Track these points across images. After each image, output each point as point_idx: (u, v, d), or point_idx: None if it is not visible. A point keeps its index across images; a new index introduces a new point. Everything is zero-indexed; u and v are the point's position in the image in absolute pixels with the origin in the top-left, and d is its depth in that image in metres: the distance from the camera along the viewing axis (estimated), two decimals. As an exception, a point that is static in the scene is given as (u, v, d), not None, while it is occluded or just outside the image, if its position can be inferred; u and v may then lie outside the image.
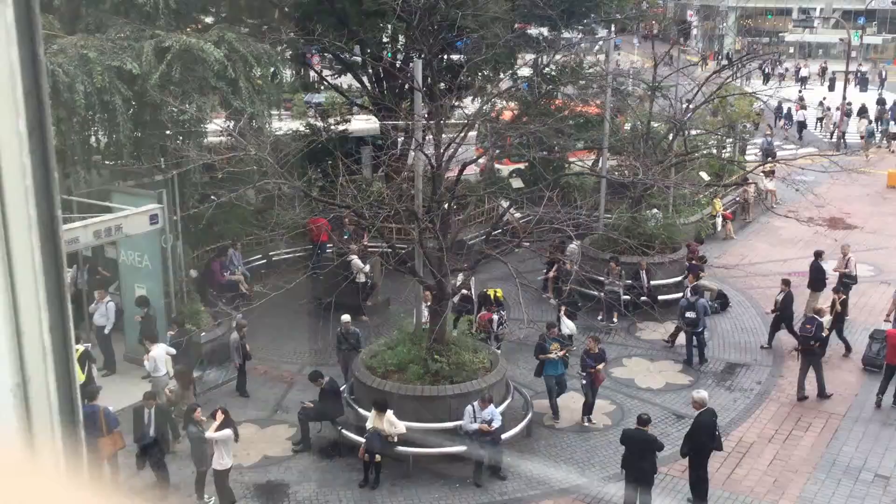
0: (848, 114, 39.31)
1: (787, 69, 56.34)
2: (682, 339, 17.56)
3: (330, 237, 19.78)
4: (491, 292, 17.40)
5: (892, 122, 40.24)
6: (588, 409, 14.86)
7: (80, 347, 14.01)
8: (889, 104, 42.72)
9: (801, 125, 39.80)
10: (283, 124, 24.59)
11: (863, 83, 51.22)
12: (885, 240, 24.84)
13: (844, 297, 17.65)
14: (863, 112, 39.20)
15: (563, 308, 17.15)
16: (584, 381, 14.74)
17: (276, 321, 17.56)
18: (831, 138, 38.22)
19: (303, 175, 15.55)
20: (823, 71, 52.78)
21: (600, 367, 14.70)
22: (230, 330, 16.04)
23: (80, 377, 13.72)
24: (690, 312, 16.97)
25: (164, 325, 15.83)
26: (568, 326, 16.68)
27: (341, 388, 14.33)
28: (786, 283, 17.82)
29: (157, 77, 15.01)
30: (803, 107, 39.78)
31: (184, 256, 17.01)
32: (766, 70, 53.23)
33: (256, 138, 13.51)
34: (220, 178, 15.54)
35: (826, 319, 16.43)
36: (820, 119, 41.69)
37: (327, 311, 15.08)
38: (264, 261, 21.08)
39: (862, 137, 36.95)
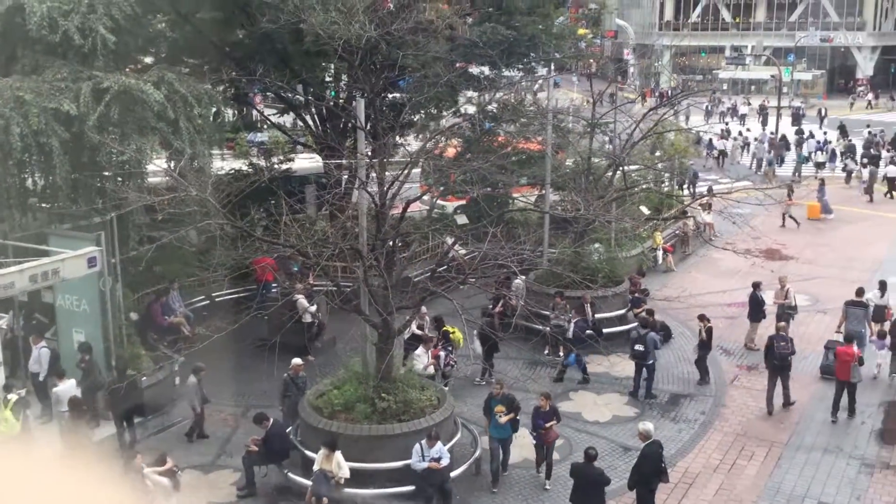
0: (785, 146, 41.20)
1: (728, 106, 58.18)
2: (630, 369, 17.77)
3: (274, 277, 19.62)
4: (451, 331, 17.30)
5: (818, 153, 41.98)
6: (546, 471, 14.00)
7: (14, 396, 13.60)
8: (818, 136, 44.76)
9: (722, 153, 42.47)
10: (226, 164, 24.43)
11: (796, 118, 53.02)
12: (820, 270, 25.52)
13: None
14: (798, 143, 41.28)
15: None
16: (535, 442, 14.04)
17: (220, 363, 17.26)
18: (758, 170, 39.47)
19: (245, 215, 15.44)
20: (763, 108, 54.72)
21: (551, 425, 13.87)
22: (186, 375, 15.72)
23: (15, 425, 13.30)
24: (639, 345, 17.20)
25: (105, 369, 15.47)
26: (476, 349, 16.83)
27: (287, 430, 14.12)
28: (702, 318, 18.18)
29: (96, 118, 14.82)
30: (724, 137, 43.46)
31: (123, 299, 16.68)
32: (709, 107, 55.31)
33: (197, 178, 13.40)
34: (161, 219, 15.32)
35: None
36: (743, 147, 44.29)
37: (272, 352, 14.89)
38: (207, 302, 20.77)
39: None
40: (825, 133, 47.90)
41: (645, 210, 26.39)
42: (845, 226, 31.17)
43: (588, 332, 18.30)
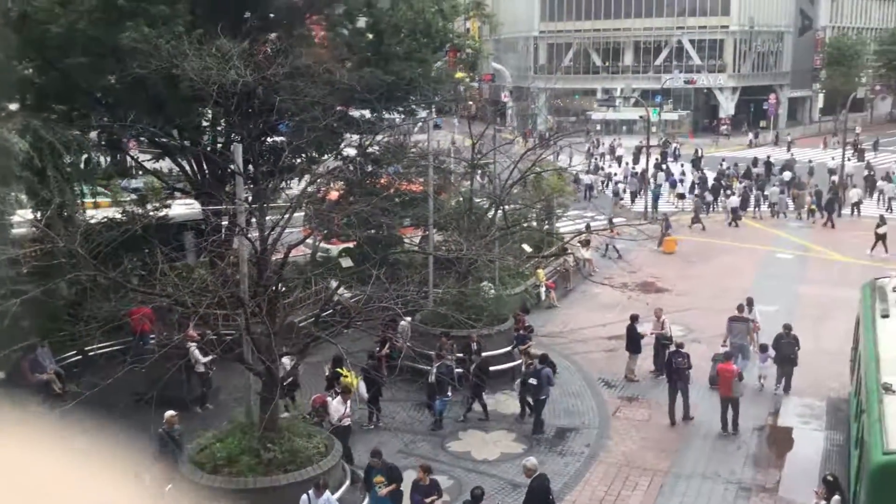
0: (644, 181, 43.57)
1: (609, 146, 60.45)
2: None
3: (152, 328, 18.94)
4: (345, 375, 17.04)
5: (678, 185, 44.97)
6: None
7: None
8: (678, 172, 47.93)
9: (589, 188, 44.63)
10: (98, 212, 23.53)
11: (664, 156, 55.66)
12: (693, 301, 26.58)
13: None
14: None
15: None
16: None
17: (94, 421, 16.42)
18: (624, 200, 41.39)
19: (119, 264, 14.87)
20: (639, 149, 57.30)
21: (432, 500, 13.26)
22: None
23: None
24: (533, 380, 17.48)
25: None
26: (362, 393, 16.74)
27: (167, 488, 13.56)
28: (526, 353, 18.87)
29: (-47, 168, 14.07)
30: (590, 172, 46.67)
31: (-12, 357, 15.72)
32: (590, 149, 57.66)
33: (66, 228, 12.85)
34: (27, 272, 14.59)
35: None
36: (604, 182, 47.36)
37: (149, 406, 14.30)
38: (80, 357, 19.83)
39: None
40: (682, 166, 50.94)
41: (527, 248, 26.95)
42: (715, 257, 32.69)
43: (458, 370, 18.43)
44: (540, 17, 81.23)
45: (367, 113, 24.74)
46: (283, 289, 16.64)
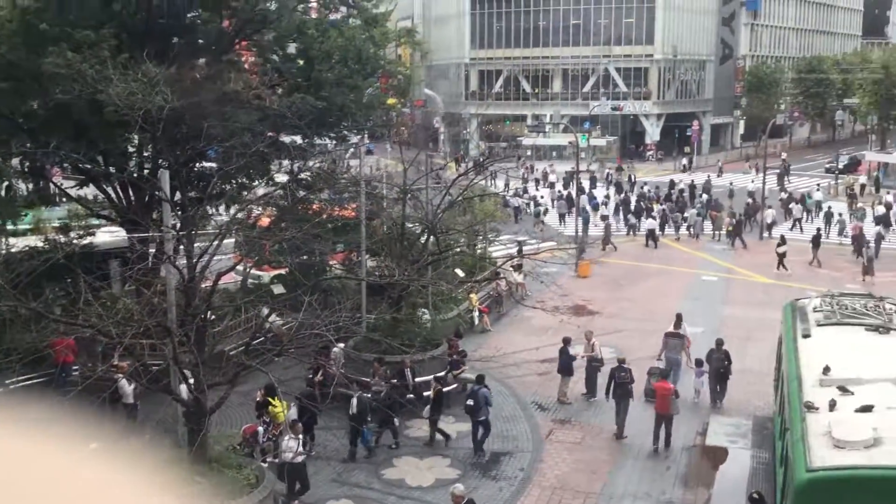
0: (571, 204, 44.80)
1: (542, 172, 61.27)
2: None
3: (75, 359, 18.39)
4: (275, 404, 16.74)
5: (602, 207, 46.77)
6: None
7: None
8: (601, 195, 49.85)
9: (517, 210, 45.81)
10: (20, 241, 22.82)
11: (593, 181, 56.75)
12: (623, 323, 27.00)
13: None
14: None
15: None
16: None
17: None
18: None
19: (40, 294, 14.44)
20: (571, 174, 58.45)
21: None
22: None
23: None
24: (470, 401, 17.50)
25: None
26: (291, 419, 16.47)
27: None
28: (438, 380, 18.89)
29: None
30: (518, 195, 47.96)
31: None
32: (525, 175, 58.58)
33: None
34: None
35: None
36: (528, 204, 48.28)
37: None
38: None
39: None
40: (606, 189, 52.66)
41: (460, 272, 27.07)
42: (644, 280, 33.32)
43: (409, 396, 18.40)
44: (470, 44, 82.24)
45: (298, 139, 24.64)
46: (213, 317, 16.37)
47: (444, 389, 19.62)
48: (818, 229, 38.57)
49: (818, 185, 55.63)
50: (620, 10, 76.33)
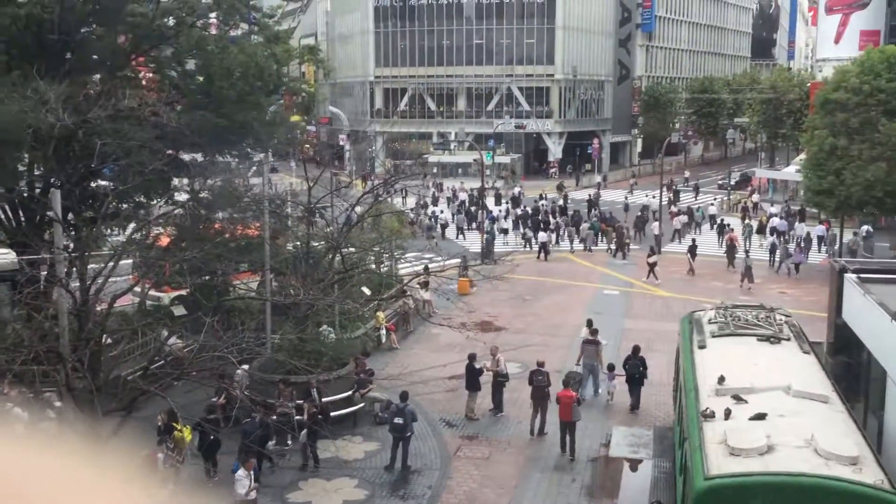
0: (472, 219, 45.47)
1: (452, 190, 61.62)
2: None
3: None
4: (178, 428, 16.19)
5: (502, 221, 48.76)
6: None
7: None
8: (498, 209, 51.90)
9: (430, 228, 46.57)
10: None
11: (498, 198, 57.60)
12: (528, 338, 27.35)
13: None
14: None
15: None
16: None
17: None
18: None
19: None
20: (480, 191, 59.37)
21: None
22: None
23: None
24: (399, 418, 17.39)
25: None
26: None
27: None
28: (309, 400, 18.83)
29: None
30: (420, 212, 49.07)
31: None
32: (435, 193, 59.04)
33: None
34: None
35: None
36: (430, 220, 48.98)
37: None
38: None
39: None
40: (507, 204, 54.43)
41: (366, 291, 26.93)
42: (548, 295, 33.88)
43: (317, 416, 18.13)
44: (375, 62, 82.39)
45: (198, 156, 24.10)
46: (108, 341, 15.80)
47: (351, 409, 19.48)
48: (693, 240, 40.75)
49: (713, 200, 57.94)
50: (522, 31, 77.87)
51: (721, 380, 13.55)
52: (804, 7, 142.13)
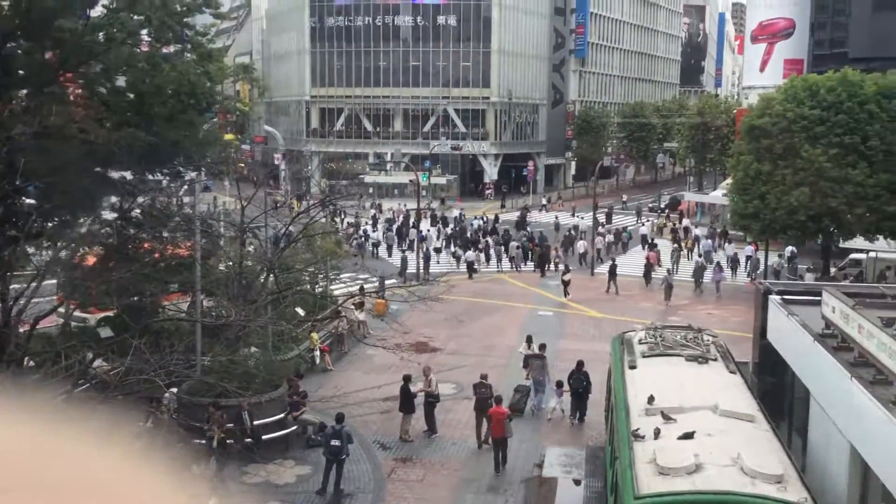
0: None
1: (396, 211, 61.57)
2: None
3: None
4: None
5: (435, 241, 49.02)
6: None
7: None
8: (425, 229, 51.46)
9: (360, 246, 46.98)
10: None
11: (434, 218, 57.88)
12: (463, 359, 27.38)
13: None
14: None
15: None
16: None
17: None
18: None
19: None
20: (419, 212, 59.60)
21: None
22: None
23: None
24: (335, 440, 17.19)
25: None
26: None
27: None
28: (219, 425, 18.63)
29: None
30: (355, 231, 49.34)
31: None
32: (375, 214, 59.02)
33: None
34: None
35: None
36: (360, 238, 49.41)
37: None
38: None
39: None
40: (437, 223, 55.13)
41: (301, 311, 26.66)
42: (483, 316, 34.02)
43: (247, 440, 17.85)
44: (311, 82, 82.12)
45: (128, 175, 23.61)
46: (31, 363, 15.31)
47: (283, 432, 19.21)
48: (613, 259, 41.71)
49: (644, 222, 59.15)
50: (458, 54, 78.61)
51: (651, 399, 13.77)
52: (731, 36, 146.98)
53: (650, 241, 47.91)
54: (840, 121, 34.12)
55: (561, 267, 41.35)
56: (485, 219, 57.56)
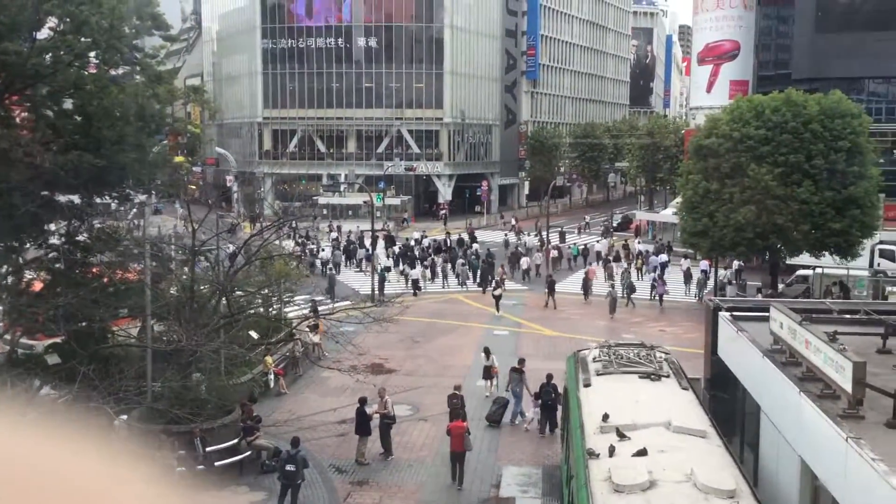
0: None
1: (356, 233, 61.39)
2: None
3: None
4: None
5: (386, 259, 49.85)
6: None
7: None
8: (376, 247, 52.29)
9: (311, 265, 47.19)
10: None
11: (389, 239, 57.93)
12: (419, 380, 27.32)
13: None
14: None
15: None
16: None
17: None
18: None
19: None
20: (374, 234, 59.67)
21: None
22: None
23: None
24: (290, 465, 16.96)
25: None
26: None
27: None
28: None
29: None
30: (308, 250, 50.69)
31: None
32: (337, 237, 58.91)
33: None
34: None
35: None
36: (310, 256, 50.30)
37: None
38: None
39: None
40: (384, 242, 55.93)
41: (254, 335, 26.35)
42: (438, 336, 33.98)
43: (199, 466, 17.55)
44: (263, 103, 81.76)
45: (75, 198, 23.20)
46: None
47: (237, 458, 18.93)
48: (549, 275, 42.75)
49: (598, 240, 59.79)
50: (411, 76, 78.96)
51: (605, 417, 13.85)
52: (678, 58, 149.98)
53: (604, 257, 48.58)
54: (785, 140, 34.91)
55: (503, 282, 41.81)
56: (435, 239, 57.93)
